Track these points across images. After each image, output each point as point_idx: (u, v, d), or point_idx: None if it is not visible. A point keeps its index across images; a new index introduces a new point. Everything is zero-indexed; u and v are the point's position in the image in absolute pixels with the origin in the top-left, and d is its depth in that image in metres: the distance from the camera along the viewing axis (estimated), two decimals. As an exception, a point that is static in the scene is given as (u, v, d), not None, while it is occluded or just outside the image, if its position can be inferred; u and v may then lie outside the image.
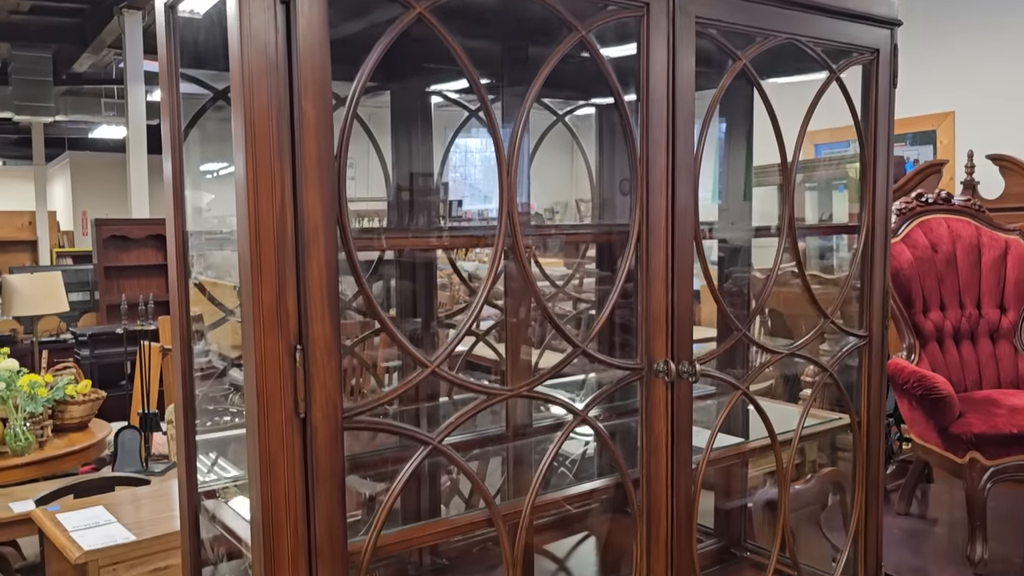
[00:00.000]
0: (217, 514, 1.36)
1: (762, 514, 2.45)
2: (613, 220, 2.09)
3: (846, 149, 5.08)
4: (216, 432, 1.65)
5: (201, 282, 1.63)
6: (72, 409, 4.31)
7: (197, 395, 1.49)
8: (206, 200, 1.57)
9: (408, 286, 1.89)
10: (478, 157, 2.35)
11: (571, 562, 2.16)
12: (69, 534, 2.05)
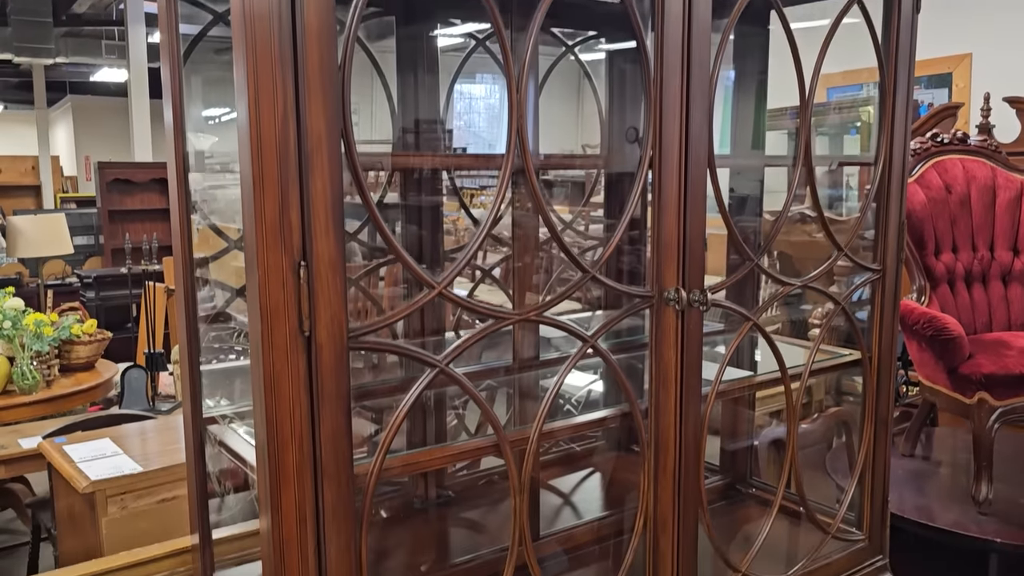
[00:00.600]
0: (222, 439, 1.35)
1: (768, 453, 2.45)
2: (623, 168, 2.04)
3: (859, 92, 4.99)
4: (222, 365, 1.64)
5: (205, 228, 1.60)
6: (78, 349, 4.33)
7: (202, 334, 1.48)
8: (208, 144, 1.54)
9: (414, 230, 1.86)
10: (482, 104, 2.30)
11: (576, 497, 2.16)
12: (76, 464, 2.06)
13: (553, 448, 2.31)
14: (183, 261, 1.36)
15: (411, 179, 1.82)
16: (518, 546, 1.27)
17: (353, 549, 1.11)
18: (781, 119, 2.62)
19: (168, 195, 1.36)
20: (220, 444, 1.33)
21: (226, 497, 1.55)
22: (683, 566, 1.48)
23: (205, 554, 1.44)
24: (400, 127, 1.79)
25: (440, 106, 1.83)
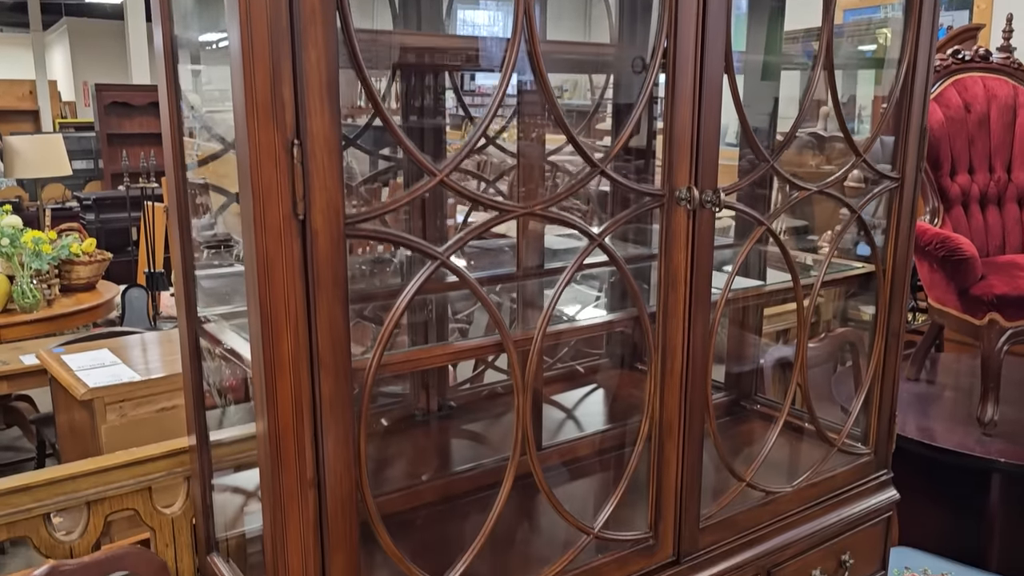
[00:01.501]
0: (218, 336, 1.32)
1: (773, 372, 2.43)
2: (630, 99, 1.96)
3: (875, 14, 4.83)
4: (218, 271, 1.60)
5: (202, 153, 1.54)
6: (79, 269, 4.30)
7: (197, 247, 1.43)
8: (202, 70, 1.47)
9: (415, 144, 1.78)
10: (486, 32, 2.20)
11: (579, 412, 2.14)
12: (74, 372, 2.04)
13: (556, 365, 2.29)
14: (173, 153, 1.30)
15: (412, 82, 1.73)
16: (520, 447, 1.25)
17: (351, 443, 1.08)
18: (796, 45, 2.52)
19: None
20: (215, 341, 1.30)
21: (223, 397, 1.52)
22: (687, 472, 1.46)
23: (203, 455, 1.42)
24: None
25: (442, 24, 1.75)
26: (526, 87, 1.64)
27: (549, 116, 1.75)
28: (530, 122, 1.73)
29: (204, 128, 1.53)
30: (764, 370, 2.34)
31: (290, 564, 1.09)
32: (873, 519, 1.83)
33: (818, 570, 1.73)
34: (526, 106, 1.76)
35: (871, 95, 2.26)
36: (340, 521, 1.09)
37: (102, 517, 1.38)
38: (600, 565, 1.39)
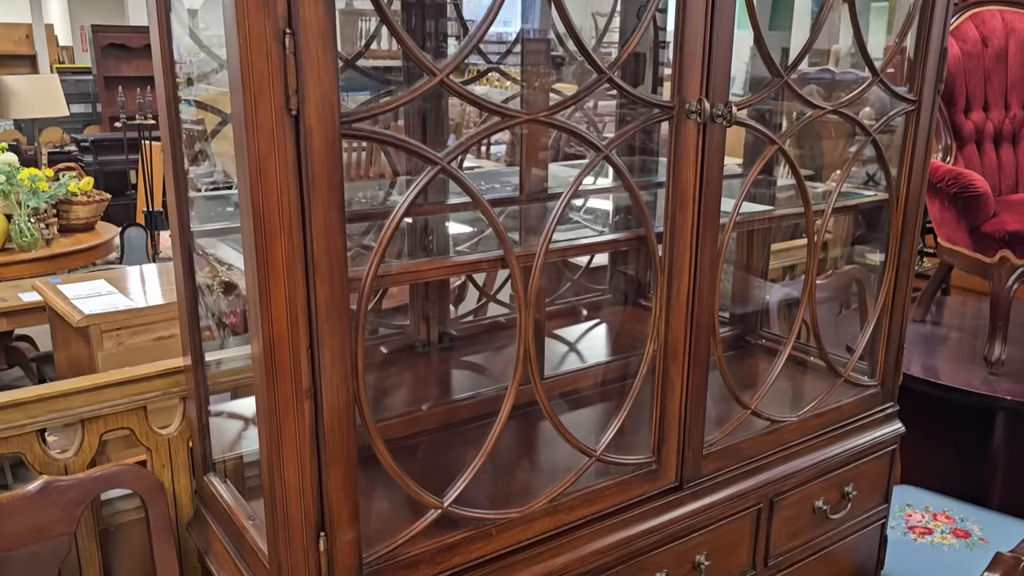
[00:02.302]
0: (211, 249, 1.28)
1: (778, 308, 2.39)
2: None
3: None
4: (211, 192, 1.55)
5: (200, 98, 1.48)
6: (77, 209, 4.25)
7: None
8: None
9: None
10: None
11: (581, 345, 2.11)
12: (71, 301, 2.01)
13: (559, 300, 2.26)
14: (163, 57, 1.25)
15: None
16: (523, 364, 1.22)
17: (348, 354, 1.05)
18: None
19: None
20: (207, 254, 1.26)
21: (218, 320, 1.49)
22: (692, 397, 1.44)
23: (198, 375, 1.39)
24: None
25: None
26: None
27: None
28: (534, 53, 1.68)
29: (194, 42, 1.47)
30: (770, 306, 2.31)
31: (286, 478, 1.07)
32: (878, 451, 1.81)
33: (821, 501, 1.71)
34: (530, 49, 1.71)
35: (882, 43, 2.20)
36: (337, 434, 1.06)
37: (97, 436, 1.36)
38: (602, 488, 1.38)
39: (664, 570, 1.47)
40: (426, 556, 1.19)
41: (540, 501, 1.30)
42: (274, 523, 1.10)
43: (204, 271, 2.29)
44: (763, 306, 2.27)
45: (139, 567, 1.48)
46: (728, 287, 2.23)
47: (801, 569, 1.73)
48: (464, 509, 1.22)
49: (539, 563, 1.30)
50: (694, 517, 1.48)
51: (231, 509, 1.31)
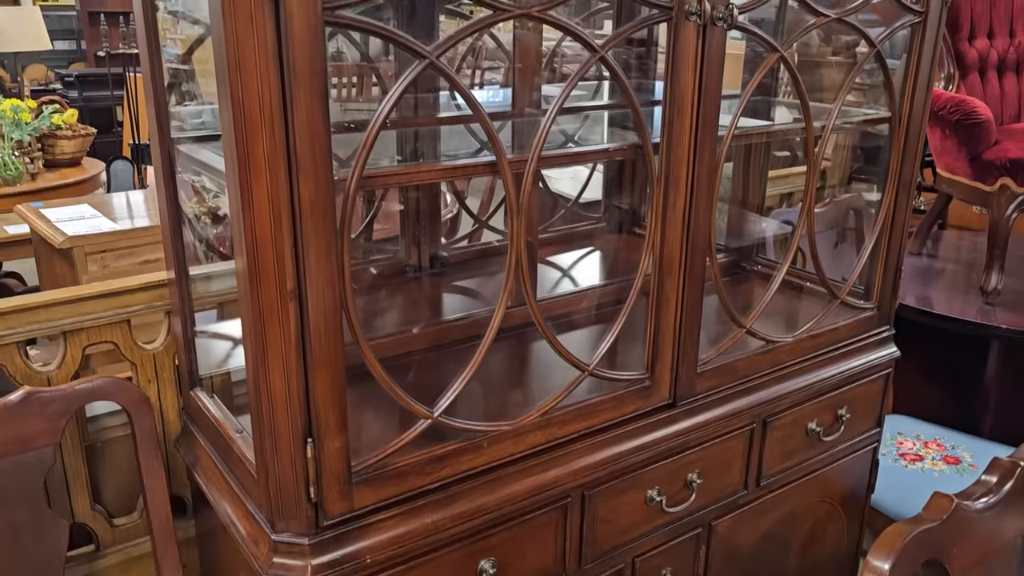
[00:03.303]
0: (192, 154, 1.24)
1: (775, 236, 2.36)
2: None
3: None
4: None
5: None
6: (62, 144, 4.17)
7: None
8: None
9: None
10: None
11: (575, 271, 2.08)
12: (53, 223, 1.96)
13: (551, 228, 2.22)
14: None
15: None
16: (515, 273, 1.19)
17: (334, 257, 1.01)
18: None
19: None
20: (189, 159, 1.22)
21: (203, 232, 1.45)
22: (687, 312, 1.41)
23: (182, 288, 1.36)
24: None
25: None
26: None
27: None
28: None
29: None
30: (766, 233, 2.28)
31: (272, 383, 1.04)
32: (872, 375, 1.80)
33: (814, 422, 1.70)
34: None
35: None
36: (323, 339, 1.03)
37: (80, 348, 1.33)
38: (595, 403, 1.36)
39: (657, 487, 1.46)
40: (416, 466, 1.18)
41: (532, 414, 1.28)
42: (260, 430, 1.08)
43: (192, 201, 2.24)
44: (759, 234, 2.24)
45: (127, 482, 1.47)
46: (724, 216, 2.20)
47: (793, 490, 1.73)
48: (454, 420, 1.21)
49: (531, 476, 1.29)
50: (687, 435, 1.47)
51: (218, 422, 1.29)
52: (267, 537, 1.12)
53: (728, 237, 2.15)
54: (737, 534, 1.66)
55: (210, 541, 1.46)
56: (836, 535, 1.91)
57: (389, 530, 1.15)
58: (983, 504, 0.95)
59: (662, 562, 1.54)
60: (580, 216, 2.29)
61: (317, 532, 1.11)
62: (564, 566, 1.38)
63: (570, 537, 1.37)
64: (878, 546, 0.88)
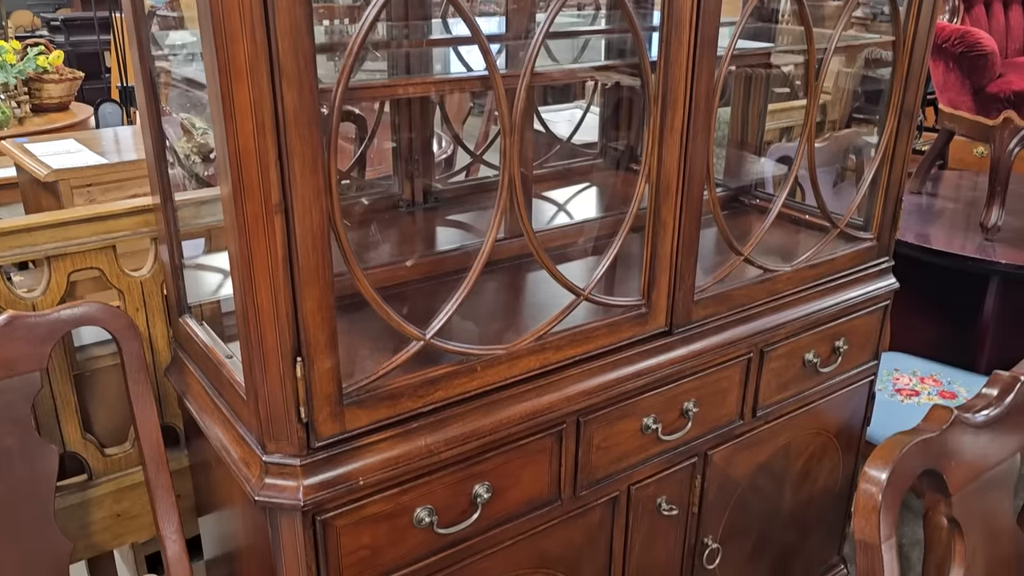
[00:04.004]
0: (174, 70, 1.20)
1: (774, 170, 2.33)
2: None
3: None
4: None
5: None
6: (49, 88, 4.10)
7: None
8: None
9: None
10: None
11: (571, 206, 2.05)
12: (38, 158, 1.92)
13: (548, 163, 2.19)
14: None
15: None
16: (508, 193, 1.16)
17: (321, 169, 0.98)
18: None
19: None
20: (169, 73, 1.18)
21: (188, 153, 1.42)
22: (684, 238, 1.39)
23: (168, 214, 1.33)
24: None
25: None
26: None
27: None
28: None
29: None
30: (764, 167, 2.24)
31: (259, 301, 1.02)
32: (870, 306, 1.78)
33: (811, 354, 1.69)
34: None
35: None
36: (311, 255, 1.01)
37: (64, 274, 1.31)
38: (591, 329, 1.34)
39: (652, 415, 1.45)
40: (409, 389, 1.16)
41: (526, 339, 1.26)
42: (248, 350, 1.06)
43: (182, 140, 2.20)
44: (758, 173, 2.21)
45: (118, 413, 1.46)
46: (722, 160, 2.17)
47: (788, 422, 1.73)
48: (447, 342, 1.19)
49: (525, 401, 1.28)
50: (683, 363, 1.46)
51: (207, 348, 1.27)
52: (258, 459, 1.11)
53: (726, 177, 2.12)
54: (732, 465, 1.66)
55: (203, 470, 1.45)
56: (831, 468, 1.91)
57: (382, 452, 1.14)
58: (983, 417, 0.94)
59: (657, 491, 1.54)
60: (577, 153, 2.26)
61: (309, 453, 1.09)
62: (559, 493, 1.38)
63: (565, 464, 1.36)
64: (875, 456, 0.87)
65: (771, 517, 1.81)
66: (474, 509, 1.26)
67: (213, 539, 1.54)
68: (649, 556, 1.58)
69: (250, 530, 1.25)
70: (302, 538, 1.11)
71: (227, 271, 1.08)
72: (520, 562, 1.38)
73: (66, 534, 1.20)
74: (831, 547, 2.05)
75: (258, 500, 1.09)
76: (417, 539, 1.22)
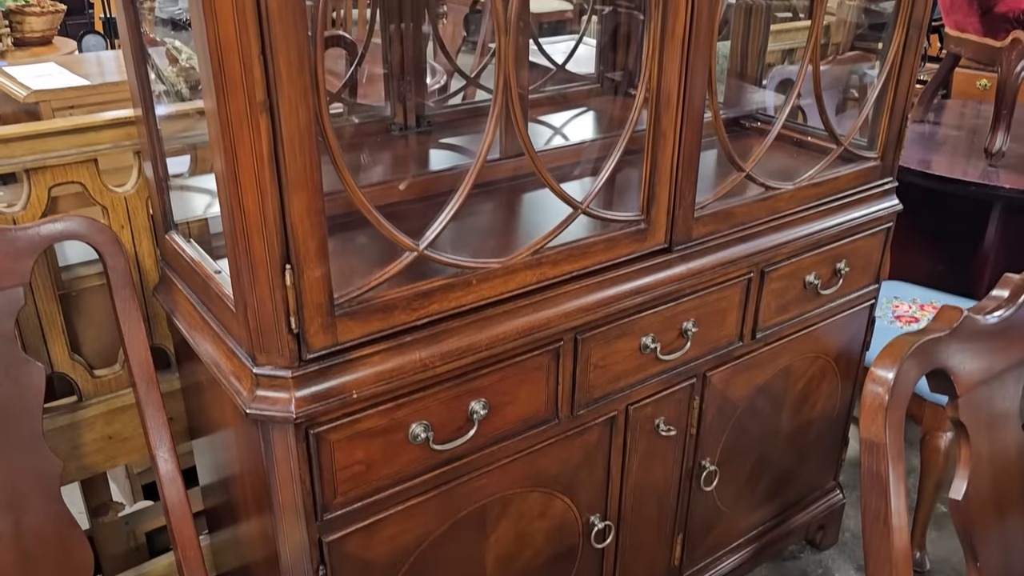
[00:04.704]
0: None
1: (776, 92, 2.28)
2: None
3: None
4: None
5: None
6: (31, 21, 3.99)
7: None
8: None
9: None
10: None
11: (567, 129, 2.01)
12: (17, 80, 1.86)
13: (544, 87, 2.13)
14: None
15: None
16: (503, 96, 1.11)
17: (307, 68, 0.94)
18: None
19: None
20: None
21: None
22: (685, 151, 1.35)
23: (151, 126, 1.28)
24: None
25: None
26: None
27: None
28: None
29: None
30: (767, 90, 2.19)
31: (245, 205, 0.98)
32: (873, 228, 1.75)
33: (812, 275, 1.66)
34: None
35: None
36: (298, 157, 0.97)
37: (45, 188, 1.26)
38: (588, 244, 1.31)
39: (651, 334, 1.43)
40: (402, 301, 1.13)
41: (523, 253, 1.23)
42: (236, 258, 1.03)
43: (168, 69, 2.13)
44: (759, 102, 2.16)
45: (107, 334, 1.43)
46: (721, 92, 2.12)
47: (788, 345, 1.71)
48: (441, 254, 1.15)
49: (521, 317, 1.25)
50: (683, 281, 1.43)
51: (195, 262, 1.24)
52: (249, 372, 1.08)
53: (726, 107, 2.06)
54: (731, 387, 1.64)
55: (195, 392, 1.43)
56: (830, 393, 1.90)
57: (375, 365, 1.12)
58: (994, 319, 0.92)
59: (655, 411, 1.52)
60: (574, 78, 2.20)
61: (300, 365, 1.07)
62: (556, 411, 1.36)
63: (562, 382, 1.34)
64: (882, 355, 0.85)
65: (769, 441, 1.81)
66: (470, 426, 1.24)
67: (207, 464, 1.53)
68: (647, 477, 1.58)
69: (243, 449, 1.23)
70: (295, 452, 1.09)
71: (214, 192, 1.04)
72: (517, 481, 1.37)
73: (57, 455, 1.19)
74: (827, 472, 2.06)
75: (249, 413, 1.07)
76: (412, 455, 1.21)
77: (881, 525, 0.84)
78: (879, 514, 0.84)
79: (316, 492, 1.14)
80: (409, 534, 1.27)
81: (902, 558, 0.84)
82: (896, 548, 0.84)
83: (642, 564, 1.69)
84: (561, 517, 1.47)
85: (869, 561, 0.86)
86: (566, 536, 1.50)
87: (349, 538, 1.20)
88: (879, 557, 0.85)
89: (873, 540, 0.85)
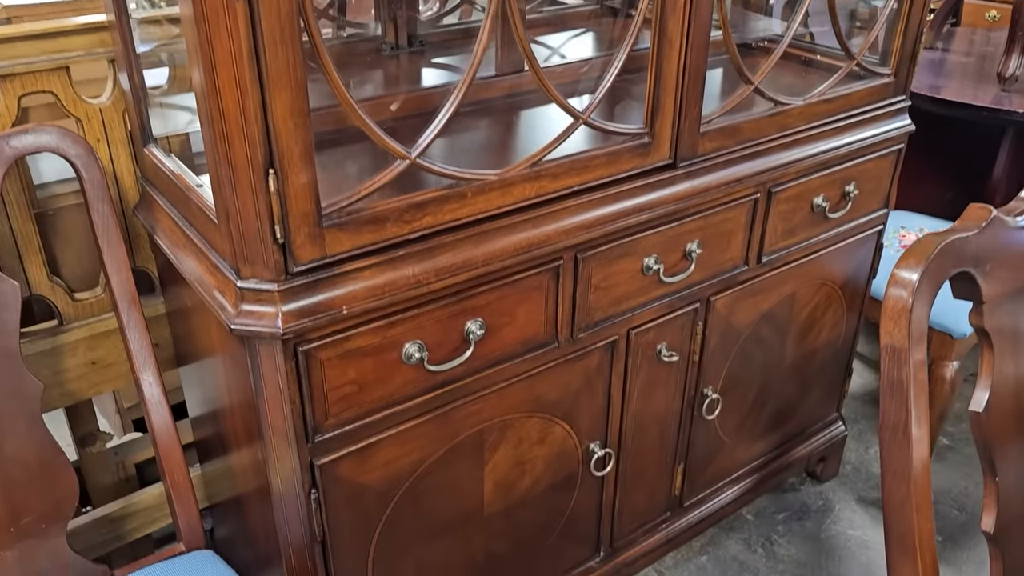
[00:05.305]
0: None
1: (782, 13, 2.19)
2: None
3: None
4: None
5: None
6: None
7: None
8: None
9: None
10: None
11: (565, 49, 1.92)
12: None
13: (542, 8, 2.05)
14: None
15: None
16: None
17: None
18: None
19: None
20: None
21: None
22: (691, 60, 1.28)
23: (124, 32, 1.20)
24: None
25: None
26: None
27: None
28: None
29: None
30: (774, 10, 2.10)
31: (224, 106, 0.92)
32: (884, 148, 1.68)
33: (820, 197, 1.60)
34: None
35: None
36: (280, 51, 0.90)
37: (14, 97, 1.19)
38: (589, 157, 1.24)
39: (654, 255, 1.38)
40: (394, 213, 1.07)
41: (521, 164, 1.17)
42: (216, 164, 0.96)
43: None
44: (765, 24, 2.08)
45: (87, 256, 1.37)
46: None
47: (794, 270, 1.66)
48: (435, 163, 1.09)
49: (519, 232, 1.19)
50: (687, 199, 1.37)
51: (175, 175, 1.17)
52: (233, 286, 1.03)
53: (734, 32, 1.98)
54: (735, 312, 1.60)
55: (181, 317, 1.38)
56: (835, 322, 1.86)
57: (367, 280, 1.06)
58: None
59: (657, 336, 1.48)
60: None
61: (287, 278, 1.01)
62: (556, 334, 1.31)
63: (562, 303, 1.29)
64: (907, 256, 0.80)
65: (772, 369, 1.77)
66: (467, 347, 1.20)
67: (196, 395, 1.48)
68: (648, 404, 1.54)
69: (231, 372, 1.18)
70: (283, 370, 1.04)
71: (194, 108, 0.97)
72: (515, 405, 1.33)
73: (38, 378, 1.14)
74: (830, 404, 2.03)
75: (234, 329, 1.02)
76: (407, 376, 1.16)
77: (900, 435, 0.79)
78: (898, 424, 0.79)
79: (306, 413, 1.09)
80: (404, 459, 1.23)
81: (921, 471, 0.80)
82: (916, 460, 0.80)
83: (642, 493, 1.67)
84: (561, 444, 1.44)
85: (886, 476, 0.82)
86: (566, 463, 1.47)
87: (341, 461, 1.16)
88: (896, 470, 0.81)
89: (892, 452, 0.81)
